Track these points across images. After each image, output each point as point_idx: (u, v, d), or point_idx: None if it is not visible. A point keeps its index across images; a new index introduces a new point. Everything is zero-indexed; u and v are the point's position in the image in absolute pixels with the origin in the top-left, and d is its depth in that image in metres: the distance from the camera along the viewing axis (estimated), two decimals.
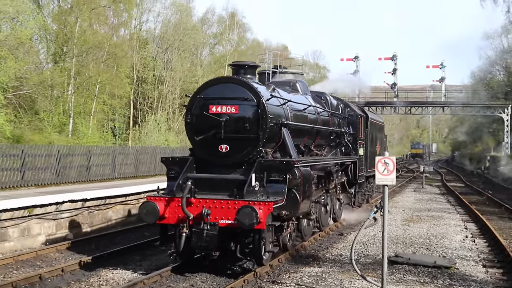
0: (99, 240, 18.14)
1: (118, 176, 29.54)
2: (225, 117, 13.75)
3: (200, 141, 14.19)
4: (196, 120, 14.23)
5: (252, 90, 13.88)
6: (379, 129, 28.38)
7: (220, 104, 13.88)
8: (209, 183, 13.58)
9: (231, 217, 12.54)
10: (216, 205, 12.79)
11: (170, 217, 13.12)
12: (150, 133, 46.33)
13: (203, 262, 13.79)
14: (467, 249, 17.10)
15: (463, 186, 45.50)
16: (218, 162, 13.99)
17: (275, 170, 13.41)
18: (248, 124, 13.77)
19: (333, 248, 16.79)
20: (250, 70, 15.09)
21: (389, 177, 12.22)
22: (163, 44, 56.63)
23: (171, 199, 13.19)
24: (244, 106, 13.83)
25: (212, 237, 12.56)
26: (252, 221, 12.10)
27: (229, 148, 13.84)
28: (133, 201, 22.54)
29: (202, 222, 12.60)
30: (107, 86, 45.29)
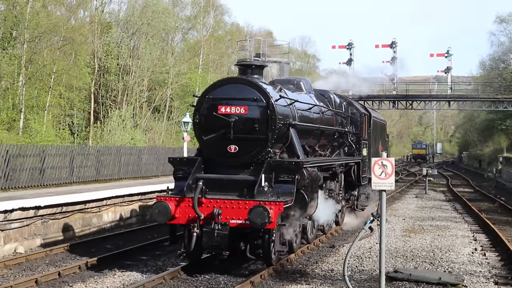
0: (55, 254, 18.01)
1: (76, 180, 29.40)
2: (234, 118, 15.40)
3: (209, 142, 15.90)
4: (204, 120, 15.91)
5: (261, 91, 15.56)
6: (381, 128, 29.73)
7: (229, 104, 15.58)
8: (219, 183, 15.28)
9: (242, 217, 14.23)
10: (227, 205, 14.46)
11: (181, 217, 14.78)
12: (113, 130, 46.14)
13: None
14: (476, 263, 17.17)
15: (472, 191, 45.80)
16: (227, 162, 15.72)
17: (284, 171, 15.06)
18: (257, 124, 15.44)
19: (324, 263, 16.80)
20: (257, 70, 16.66)
21: (387, 181, 12.26)
22: (128, 28, 56.45)
23: (182, 199, 14.85)
24: (253, 107, 15.53)
25: (223, 236, 14.23)
26: (264, 220, 13.72)
27: (238, 149, 15.55)
28: (94, 208, 22.43)
29: (213, 222, 14.26)
30: (63, 77, 45.03)
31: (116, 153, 33.40)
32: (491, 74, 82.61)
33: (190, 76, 61.45)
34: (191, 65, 66.19)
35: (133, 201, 25.06)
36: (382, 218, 12.15)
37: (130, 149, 35.90)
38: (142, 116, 55.03)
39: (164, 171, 37.56)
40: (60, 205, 20.55)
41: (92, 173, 30.93)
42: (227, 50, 79.92)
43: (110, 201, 23.43)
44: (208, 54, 70.49)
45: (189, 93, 62.12)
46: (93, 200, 22.34)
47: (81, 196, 21.75)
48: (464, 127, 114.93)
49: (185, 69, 60.87)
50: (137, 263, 16.73)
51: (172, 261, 16.88)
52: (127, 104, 53.27)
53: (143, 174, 35.26)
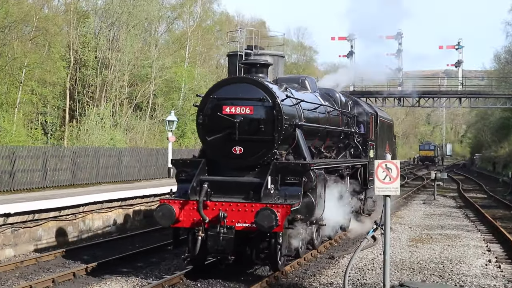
0: (26, 266, 17.96)
1: (50, 184, 29.36)
2: (239, 118, 16.24)
3: (213, 143, 16.76)
4: (208, 120, 16.77)
5: (267, 91, 16.46)
6: (388, 128, 30.78)
7: (234, 104, 16.43)
8: (224, 185, 16.13)
9: (248, 220, 15.12)
10: (232, 208, 15.36)
11: (185, 220, 15.64)
12: (91, 130, 46.07)
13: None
14: (490, 276, 17.19)
15: (485, 197, 45.87)
16: (231, 164, 16.62)
17: (291, 173, 15.97)
18: (263, 125, 16.31)
19: (322, 275, 16.80)
20: (262, 68, 17.69)
21: (391, 186, 12.29)
22: (107, 17, 56.31)
23: (186, 202, 15.70)
24: (259, 107, 16.40)
25: (229, 240, 15.07)
26: (271, 223, 14.58)
27: (243, 150, 16.41)
28: (69, 216, 22.39)
29: (218, 225, 15.11)
30: (36, 71, 44.94)
31: (94, 155, 33.38)
32: (506, 68, 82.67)
33: (176, 70, 61.40)
34: (176, 59, 66.12)
35: (112, 208, 25.02)
36: (387, 227, 12.16)
37: (110, 150, 35.87)
38: (123, 114, 54.92)
39: (146, 174, 37.57)
40: (32, 212, 20.50)
41: (68, 177, 30.89)
42: (216, 41, 79.85)
43: (87, 208, 23.39)
44: (195, 46, 70.44)
45: (174, 89, 62.12)
46: (69, 206, 22.30)
47: (55, 202, 21.71)
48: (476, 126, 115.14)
49: (170, 63, 60.79)
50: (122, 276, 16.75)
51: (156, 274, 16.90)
52: (106, 101, 53.15)
53: (123, 178, 35.23)
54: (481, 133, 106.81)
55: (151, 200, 27.62)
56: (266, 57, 38.86)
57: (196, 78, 64.75)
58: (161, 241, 21.75)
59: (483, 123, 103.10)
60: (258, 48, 42.51)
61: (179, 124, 55.33)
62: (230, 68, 43.85)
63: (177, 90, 62.79)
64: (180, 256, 17.15)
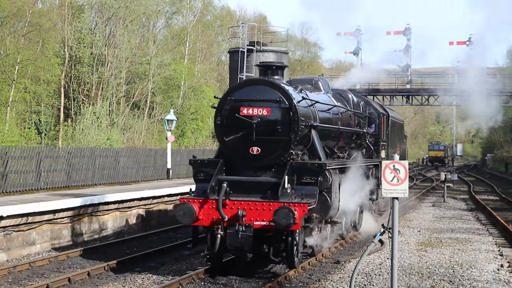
0: (19, 271, 17.98)
1: (44, 186, 29.36)
2: (256, 119, 17.31)
3: (230, 143, 17.90)
4: (226, 122, 17.83)
5: (284, 92, 17.50)
6: (399, 129, 32.21)
7: (251, 106, 17.48)
8: (241, 185, 17.25)
9: (266, 219, 16.26)
10: (251, 207, 16.47)
11: (204, 219, 16.74)
12: (87, 129, 46.12)
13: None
14: (503, 282, 17.20)
15: (497, 199, 45.84)
16: (248, 164, 17.70)
17: (307, 173, 17.13)
18: (280, 126, 17.39)
19: (327, 281, 16.83)
20: (278, 70, 18.56)
21: (399, 188, 12.30)
22: (103, 12, 56.40)
23: (205, 201, 16.82)
24: (276, 109, 17.46)
25: (247, 238, 16.16)
26: (289, 221, 15.68)
27: (260, 151, 17.45)
28: (64, 219, 22.41)
29: (237, 223, 16.23)
30: (29, 68, 45.01)
31: (90, 156, 33.36)
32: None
33: (175, 67, 61.44)
34: (175, 55, 66.16)
35: (109, 210, 25.05)
36: (394, 230, 12.17)
37: (106, 150, 35.85)
38: (120, 113, 55.00)
39: (145, 176, 37.55)
40: (26, 215, 20.52)
41: (62, 178, 30.88)
42: (217, 37, 79.95)
43: (83, 211, 23.41)
44: (195, 42, 70.49)
45: (173, 86, 62.12)
46: (64, 209, 22.31)
47: (49, 204, 21.72)
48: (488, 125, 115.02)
49: (168, 60, 60.81)
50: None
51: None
52: (102, 99, 53.23)
53: (120, 180, 35.22)
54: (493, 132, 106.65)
55: (149, 203, 27.65)
56: (269, 54, 39.83)
57: (196, 75, 64.77)
58: (161, 244, 22.25)
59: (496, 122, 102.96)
60: (261, 44, 42.79)
61: (179, 124, 55.39)
62: (231, 65, 44.12)
63: (176, 88, 62.81)
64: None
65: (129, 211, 26.37)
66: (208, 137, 68.09)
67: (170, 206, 29.34)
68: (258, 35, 43.11)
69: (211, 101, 65.27)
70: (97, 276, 17.47)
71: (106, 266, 18.27)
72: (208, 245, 17.07)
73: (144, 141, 54.42)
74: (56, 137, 49.46)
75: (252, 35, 43.58)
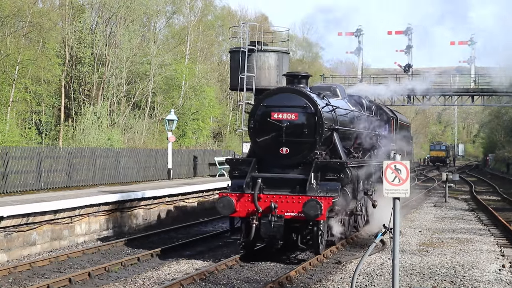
0: (20, 272, 17.98)
1: (45, 186, 29.38)
2: (285, 123, 19.91)
3: (262, 144, 20.44)
4: (258, 125, 20.44)
5: (310, 99, 20.08)
6: (406, 130, 35.10)
7: (281, 111, 20.07)
8: (273, 181, 19.80)
9: (296, 210, 18.79)
10: (282, 200, 19.01)
11: (241, 210, 19.37)
12: (87, 130, 46.05)
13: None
14: (504, 282, 17.21)
15: (499, 199, 45.82)
16: (278, 162, 20.24)
17: (330, 170, 19.72)
18: (306, 129, 19.98)
19: (328, 281, 16.85)
20: (303, 79, 21.17)
21: (401, 188, 12.30)
22: (104, 12, 56.40)
23: (242, 195, 19.46)
24: (302, 114, 20.04)
25: (279, 227, 18.72)
26: (316, 212, 18.26)
27: (289, 151, 19.99)
28: (65, 219, 22.41)
29: (270, 214, 18.73)
30: (30, 68, 44.98)
31: (91, 156, 33.38)
32: None
33: (176, 67, 61.41)
34: (176, 55, 66.14)
35: (110, 211, 25.06)
36: (396, 230, 12.17)
37: (107, 151, 35.86)
38: (120, 113, 54.97)
39: (145, 176, 37.56)
40: (26, 215, 20.53)
41: (63, 179, 30.90)
42: (218, 37, 79.90)
43: (84, 211, 23.42)
44: (196, 42, 70.45)
45: (174, 86, 62.10)
46: (64, 209, 22.32)
47: (50, 205, 21.73)
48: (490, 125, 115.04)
49: (169, 59, 60.79)
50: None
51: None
52: (103, 99, 53.19)
53: (121, 180, 35.25)
54: (495, 132, 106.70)
55: (150, 203, 27.67)
56: (270, 53, 40.63)
57: (197, 75, 64.75)
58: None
59: (496, 122, 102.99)
60: (262, 44, 42.80)
61: (179, 124, 55.39)
62: (232, 65, 44.14)
63: (177, 88, 62.79)
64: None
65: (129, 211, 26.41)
66: (209, 137, 68.11)
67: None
68: (259, 35, 43.11)
69: (212, 101, 65.39)
70: (97, 277, 17.49)
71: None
72: (243, 234, 19.66)
73: (145, 141, 54.39)
74: (57, 137, 49.43)
75: (253, 35, 43.58)
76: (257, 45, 41.78)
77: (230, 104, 77.04)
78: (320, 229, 19.06)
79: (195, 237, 24.54)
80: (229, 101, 77.33)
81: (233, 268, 18.73)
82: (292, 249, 20.73)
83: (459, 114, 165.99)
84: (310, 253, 20.37)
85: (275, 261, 19.73)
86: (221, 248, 22.60)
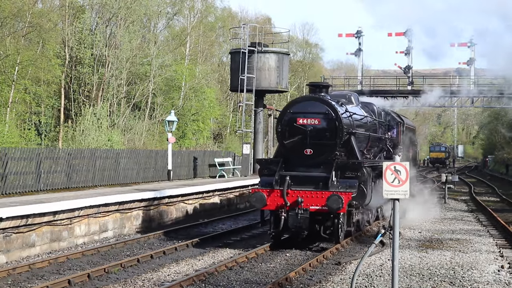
0: (19, 273, 17.94)
1: (44, 187, 29.35)
2: (310, 128, 22.26)
3: (289, 146, 22.79)
4: (286, 129, 22.82)
5: (331, 106, 22.41)
6: (412, 133, 38.17)
7: (305, 117, 22.40)
8: (298, 178, 22.14)
9: (320, 204, 21.13)
10: (307, 195, 21.40)
11: (271, 204, 21.77)
12: (87, 131, 46.04)
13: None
14: (503, 283, 17.19)
15: (498, 200, 45.80)
16: (303, 162, 22.54)
17: (349, 169, 22.08)
18: (328, 133, 22.29)
19: (328, 282, 16.83)
20: (324, 89, 23.65)
21: (400, 189, 12.26)
22: (104, 13, 56.39)
23: (272, 191, 21.88)
24: (324, 119, 22.35)
25: (305, 219, 21.19)
26: (338, 205, 20.66)
27: (312, 152, 22.28)
28: (64, 220, 22.36)
29: (297, 208, 21.12)
30: (29, 68, 44.99)
31: (90, 157, 33.35)
32: None
33: (176, 68, 61.43)
34: (176, 56, 66.16)
35: (110, 212, 25.01)
36: (395, 231, 12.14)
37: (106, 152, 35.83)
38: (120, 114, 54.97)
39: (145, 177, 37.53)
40: (25, 217, 20.47)
41: (63, 180, 30.87)
42: (218, 38, 79.94)
43: (83, 212, 23.38)
44: (196, 43, 70.53)
45: (174, 87, 62.09)
46: (64, 210, 22.26)
47: (49, 206, 21.65)
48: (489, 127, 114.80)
49: (169, 60, 60.82)
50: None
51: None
52: (102, 100, 53.21)
53: (121, 181, 35.22)
54: (494, 134, 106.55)
55: (149, 204, 27.62)
56: (270, 55, 41.28)
57: (197, 76, 64.76)
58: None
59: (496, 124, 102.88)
60: (262, 45, 42.76)
61: (180, 125, 55.40)
62: (233, 66, 44.12)
63: (177, 89, 62.82)
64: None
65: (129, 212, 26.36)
66: (209, 138, 68.10)
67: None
68: (259, 36, 43.12)
69: (212, 102, 65.39)
70: (97, 278, 17.46)
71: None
72: (272, 225, 22.19)
73: (144, 142, 54.36)
74: (56, 138, 49.44)
75: (254, 36, 43.59)
76: (258, 46, 41.80)
77: (230, 105, 77.11)
78: (340, 220, 21.48)
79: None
80: (229, 102, 77.39)
81: (233, 269, 18.70)
82: (315, 239, 22.92)
83: (459, 116, 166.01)
84: (328, 244, 22.49)
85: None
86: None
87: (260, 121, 44.03)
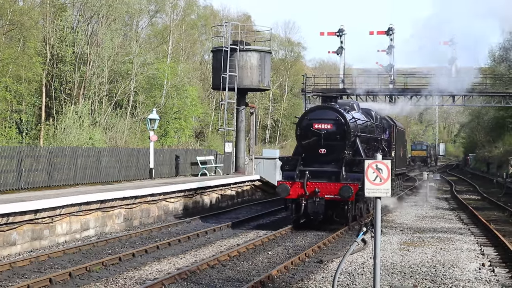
0: (0, 272, 17.89)
1: (25, 186, 29.19)
2: (323, 131, 26.96)
3: (306, 146, 27.63)
4: (303, 132, 27.62)
5: (341, 114, 27.29)
6: (402, 135, 44.49)
7: (320, 122, 27.17)
8: (315, 173, 27.01)
9: (333, 193, 25.81)
10: (323, 186, 26.10)
11: (293, 194, 26.51)
12: (68, 129, 45.86)
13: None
14: (484, 281, 17.30)
15: (479, 199, 46.03)
16: (318, 160, 27.34)
17: (356, 165, 26.60)
18: (338, 136, 27.04)
19: (310, 280, 16.85)
20: (334, 99, 28.62)
21: (382, 187, 12.30)
22: (86, 11, 56.21)
23: (294, 183, 26.65)
24: (335, 124, 27.08)
25: (321, 206, 26.02)
26: (349, 194, 25.41)
27: (326, 151, 27.10)
28: (45, 219, 22.27)
29: (315, 196, 25.91)
30: (10, 66, 44.77)
31: (72, 155, 33.16)
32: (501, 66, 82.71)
33: (158, 66, 61.31)
34: (158, 54, 66.05)
35: (91, 210, 24.94)
36: (377, 229, 12.17)
37: (88, 150, 35.66)
38: (102, 112, 54.79)
39: (127, 175, 37.36)
40: (6, 215, 20.37)
41: (44, 178, 30.70)
42: (200, 36, 79.84)
43: (65, 210, 23.29)
44: (178, 41, 70.42)
45: (156, 86, 61.94)
46: (45, 209, 22.16)
47: (30, 204, 21.55)
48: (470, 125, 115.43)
49: (151, 59, 60.71)
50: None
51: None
52: (84, 98, 53.05)
53: (103, 179, 35.04)
54: (475, 132, 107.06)
55: (131, 202, 27.56)
56: (252, 53, 41.50)
57: (179, 74, 64.63)
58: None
59: (477, 122, 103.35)
60: (244, 43, 42.73)
61: (161, 123, 55.31)
62: (215, 64, 44.10)
63: (159, 87, 62.65)
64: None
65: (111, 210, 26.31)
66: (191, 136, 68.00)
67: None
68: (241, 34, 43.08)
69: (194, 100, 65.25)
70: (78, 277, 17.40)
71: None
72: (292, 211, 27.09)
73: (126, 141, 54.18)
74: (38, 137, 49.25)
75: (236, 35, 43.56)
76: (240, 45, 41.76)
77: (213, 104, 77.04)
78: (349, 207, 25.99)
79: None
80: (211, 100, 77.32)
81: (215, 267, 18.72)
82: (328, 222, 27.08)
83: (440, 114, 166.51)
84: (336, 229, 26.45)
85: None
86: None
87: (242, 120, 43.95)
